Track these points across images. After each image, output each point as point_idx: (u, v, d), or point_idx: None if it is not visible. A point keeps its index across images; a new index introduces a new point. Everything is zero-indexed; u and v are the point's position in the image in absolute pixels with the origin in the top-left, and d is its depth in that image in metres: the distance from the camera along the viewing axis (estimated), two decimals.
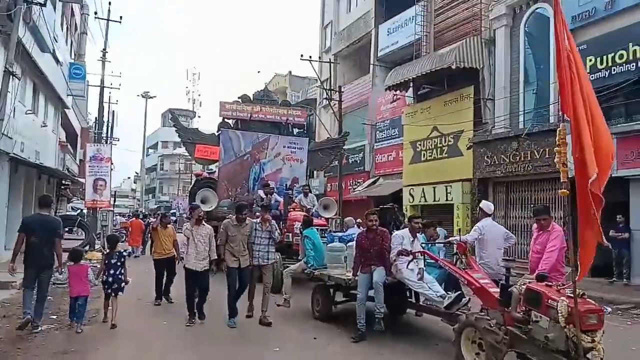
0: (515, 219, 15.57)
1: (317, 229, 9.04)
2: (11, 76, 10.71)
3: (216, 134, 15.05)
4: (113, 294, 7.36)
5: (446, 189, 17.26)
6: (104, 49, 20.62)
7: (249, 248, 7.55)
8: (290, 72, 38.89)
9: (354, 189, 24.09)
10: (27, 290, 6.87)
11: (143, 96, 48.61)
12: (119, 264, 7.46)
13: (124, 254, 7.91)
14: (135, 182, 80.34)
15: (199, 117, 77.49)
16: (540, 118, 14.83)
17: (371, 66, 24.09)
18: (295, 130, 15.53)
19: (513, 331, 4.71)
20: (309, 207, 12.25)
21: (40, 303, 6.97)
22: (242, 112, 14.73)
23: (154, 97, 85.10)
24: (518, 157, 14.86)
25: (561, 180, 4.27)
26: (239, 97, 15.06)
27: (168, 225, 9.73)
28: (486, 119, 16.69)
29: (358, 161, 24.42)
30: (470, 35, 17.16)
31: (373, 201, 22.76)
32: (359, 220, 9.93)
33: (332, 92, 24.00)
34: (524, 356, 4.85)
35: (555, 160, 4.31)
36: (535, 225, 6.15)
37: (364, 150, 23.98)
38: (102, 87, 21.06)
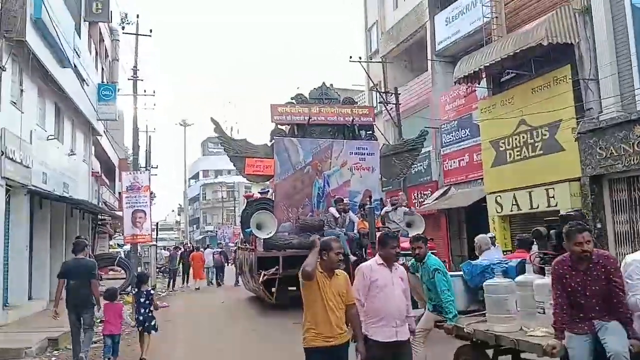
0: None
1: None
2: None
3: (269, 144, 12.55)
4: (146, 332, 7.67)
5: (547, 193, 14.17)
6: (135, 66, 18.67)
7: None
8: (332, 84, 36.54)
9: (420, 202, 21.19)
10: (74, 337, 7.40)
11: (181, 124, 47.28)
12: (147, 302, 7.75)
13: (151, 292, 8.24)
14: (179, 214, 79.43)
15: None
16: None
17: (429, 62, 21.35)
18: (363, 133, 12.87)
19: None
20: (398, 223, 9.51)
21: (87, 335, 7.47)
22: (298, 115, 12.20)
23: (192, 124, 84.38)
24: None
25: None
26: (292, 98, 12.57)
27: (338, 272, 4.23)
28: (589, 103, 13.68)
29: (423, 170, 21.52)
30: (557, 7, 14.30)
31: (445, 215, 19.90)
32: (490, 234, 6.99)
33: (387, 94, 21.34)
34: None
35: None
36: None
37: (429, 158, 21.08)
38: (135, 109, 19.08)
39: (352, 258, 9.36)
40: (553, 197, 14.03)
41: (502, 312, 4.48)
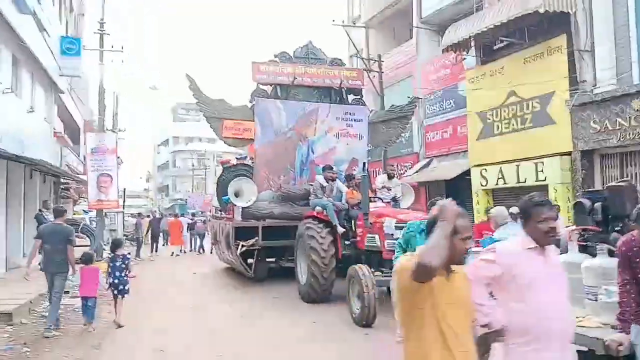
0: None
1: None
2: None
3: (249, 105, 11.61)
4: (120, 296, 7.81)
5: (536, 167, 13.74)
6: (102, 19, 17.25)
7: None
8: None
9: (400, 174, 20.61)
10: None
11: (151, 88, 45.43)
12: (123, 266, 7.87)
13: (128, 256, 8.31)
14: (147, 181, 77.52)
15: None
16: None
17: (414, 30, 20.50)
18: (351, 97, 12.04)
19: None
20: (395, 194, 8.89)
21: (54, 306, 7.45)
22: (282, 75, 11.26)
23: (159, 89, 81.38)
24: None
25: None
26: (276, 56, 11.59)
27: (455, 273, 2.41)
28: (583, 75, 13.17)
29: (404, 141, 20.86)
30: None
31: (426, 188, 19.41)
32: (512, 210, 6.35)
33: (370, 62, 20.48)
34: None
35: None
36: None
37: (411, 129, 20.43)
38: (102, 65, 17.71)
39: (340, 230, 8.69)
40: (542, 171, 13.62)
41: None
